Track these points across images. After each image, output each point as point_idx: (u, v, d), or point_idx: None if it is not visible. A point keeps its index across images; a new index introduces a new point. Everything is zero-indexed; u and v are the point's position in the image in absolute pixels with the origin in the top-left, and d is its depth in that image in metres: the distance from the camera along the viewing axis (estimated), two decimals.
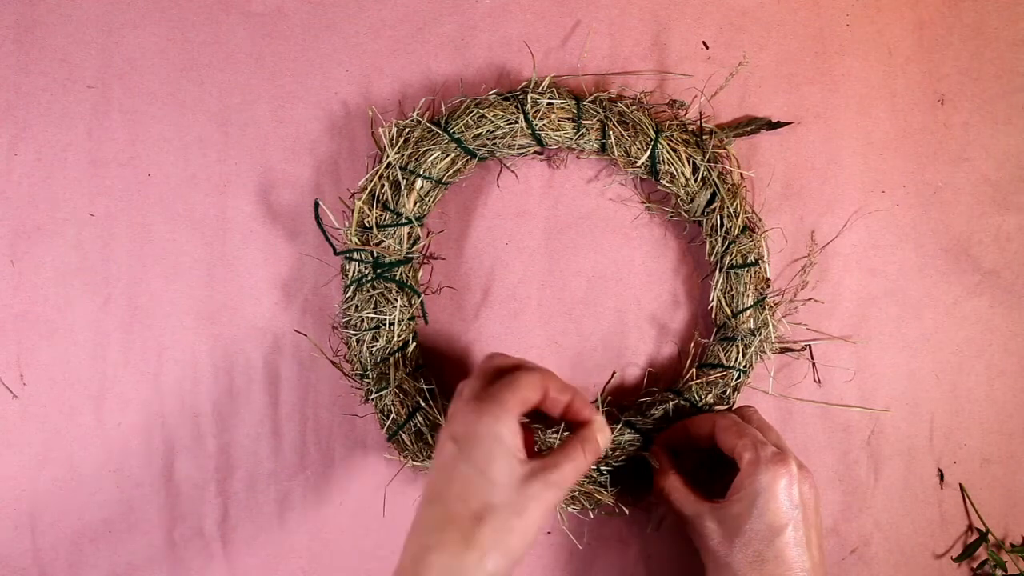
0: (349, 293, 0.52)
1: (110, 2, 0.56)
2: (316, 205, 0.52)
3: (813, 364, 0.55)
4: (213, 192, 0.56)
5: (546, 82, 0.53)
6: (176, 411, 0.56)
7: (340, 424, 0.56)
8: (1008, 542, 0.57)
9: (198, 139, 0.56)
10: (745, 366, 0.52)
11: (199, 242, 0.56)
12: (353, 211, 0.51)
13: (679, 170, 0.52)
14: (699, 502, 0.48)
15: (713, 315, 0.54)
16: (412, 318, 0.52)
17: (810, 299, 0.56)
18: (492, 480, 0.40)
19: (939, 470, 0.56)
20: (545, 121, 0.51)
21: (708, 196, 0.52)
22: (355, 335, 0.52)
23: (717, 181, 0.52)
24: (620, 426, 0.52)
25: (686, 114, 0.54)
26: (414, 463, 0.52)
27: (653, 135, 0.51)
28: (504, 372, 0.44)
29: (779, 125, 0.55)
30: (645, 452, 0.52)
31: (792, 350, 0.55)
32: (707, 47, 0.56)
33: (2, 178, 0.55)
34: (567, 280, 0.56)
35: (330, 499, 0.56)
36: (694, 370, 0.53)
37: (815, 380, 0.55)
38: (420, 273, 0.54)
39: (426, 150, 0.51)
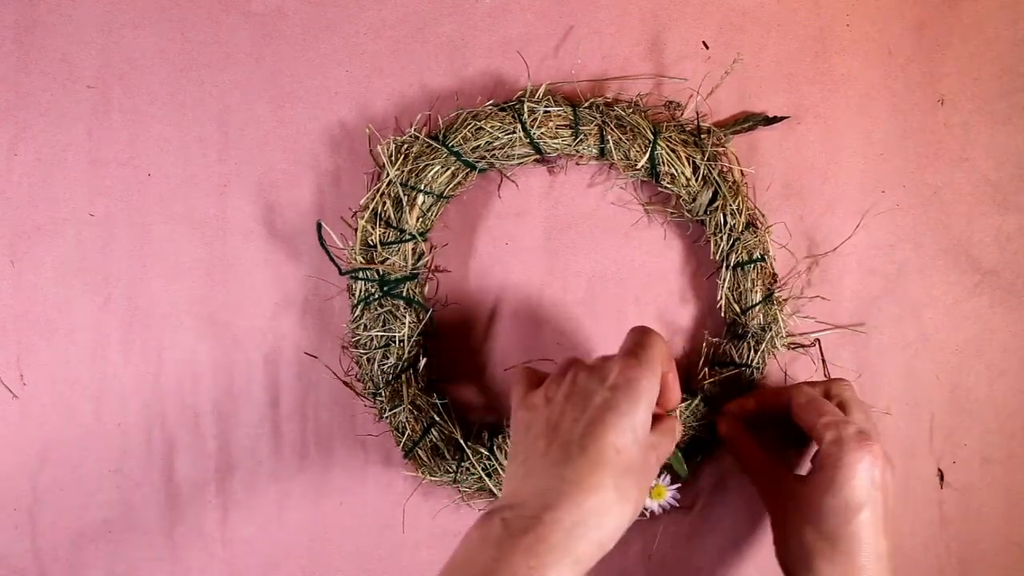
0: (357, 312, 0.52)
1: (110, 2, 0.56)
2: (319, 227, 0.51)
3: (823, 359, 0.55)
4: (213, 192, 0.56)
5: (541, 90, 0.53)
6: (176, 411, 0.56)
7: (340, 424, 0.56)
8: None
9: (198, 139, 0.56)
10: (758, 363, 0.52)
11: (199, 242, 0.56)
12: (356, 230, 0.51)
13: (679, 170, 0.52)
14: (777, 471, 0.48)
15: (722, 313, 0.54)
16: (421, 333, 0.52)
17: (816, 296, 0.56)
18: (638, 439, 0.40)
19: (939, 470, 0.56)
20: (543, 129, 0.51)
21: (710, 195, 0.52)
22: (365, 354, 0.52)
23: (718, 179, 0.52)
24: None
25: (683, 114, 0.54)
26: (432, 478, 0.52)
27: (651, 137, 0.51)
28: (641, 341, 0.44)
29: (776, 120, 0.55)
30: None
31: (802, 345, 0.55)
32: (707, 47, 0.56)
33: (2, 178, 0.55)
34: (567, 280, 0.56)
35: (330, 499, 0.56)
36: (707, 369, 0.53)
37: (825, 375, 0.55)
38: (427, 288, 0.54)
39: (426, 165, 0.51)
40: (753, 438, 0.50)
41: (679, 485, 0.50)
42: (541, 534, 0.36)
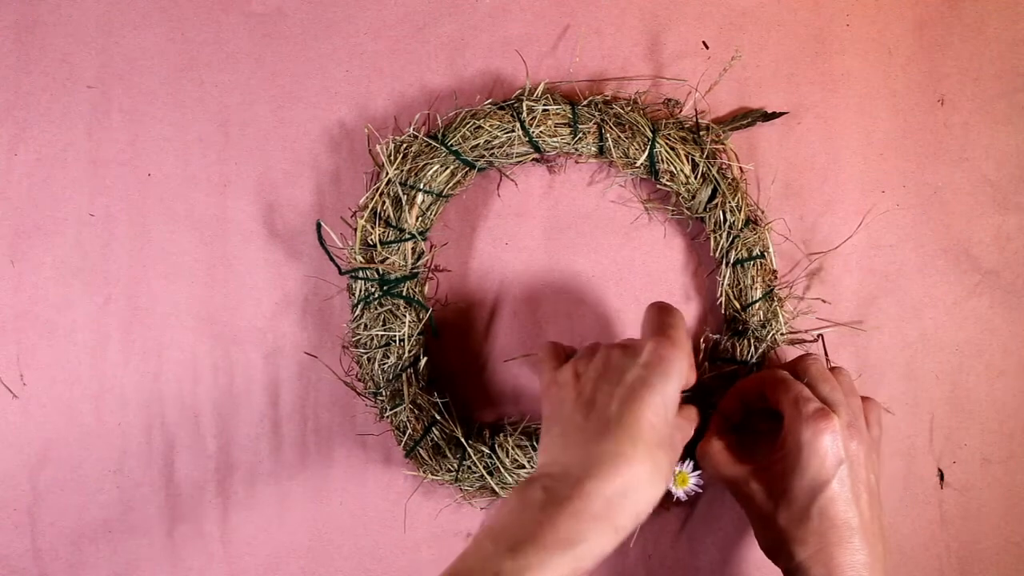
0: (357, 312, 0.52)
1: (110, 2, 0.56)
2: (319, 227, 0.52)
3: (826, 354, 0.55)
4: (213, 192, 0.56)
5: (540, 88, 0.53)
6: (176, 411, 0.56)
7: (340, 424, 0.56)
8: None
9: (198, 139, 0.56)
10: (758, 359, 0.52)
11: (199, 242, 0.56)
12: (356, 230, 0.51)
13: (678, 168, 0.52)
14: (741, 464, 0.48)
15: (722, 310, 0.54)
16: (421, 333, 0.52)
17: (817, 298, 0.56)
18: (668, 416, 0.41)
19: (939, 470, 0.56)
20: (542, 128, 0.51)
21: (709, 192, 0.52)
22: (366, 353, 0.52)
23: (717, 176, 0.52)
24: None
25: (681, 112, 0.54)
26: (433, 477, 0.52)
27: (650, 135, 0.51)
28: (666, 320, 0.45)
29: (775, 116, 0.55)
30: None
31: (804, 341, 0.55)
32: (707, 47, 0.56)
33: (2, 178, 0.55)
34: (567, 280, 0.56)
35: (330, 499, 0.56)
36: (706, 365, 0.53)
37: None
38: (426, 287, 0.54)
39: (425, 164, 0.51)
40: (716, 438, 0.50)
41: (700, 471, 0.50)
42: (585, 502, 0.37)
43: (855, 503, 0.45)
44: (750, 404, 0.51)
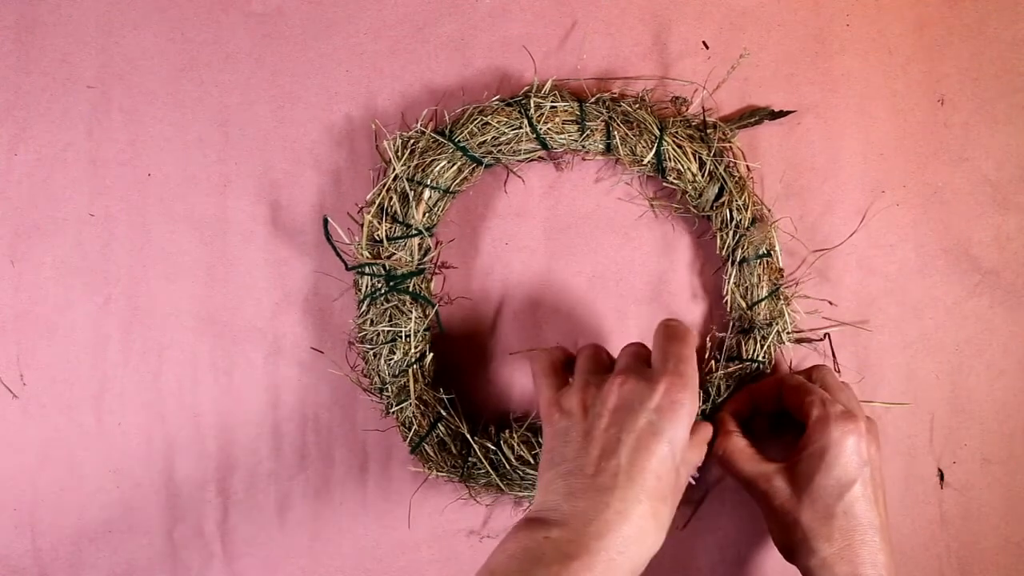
0: (363, 308, 0.52)
1: (110, 2, 0.56)
2: (325, 222, 0.51)
3: (833, 353, 0.55)
4: (213, 192, 0.56)
5: (548, 85, 0.53)
6: (176, 411, 0.56)
7: (340, 423, 0.56)
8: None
9: (198, 139, 0.56)
10: (764, 358, 0.52)
11: (199, 242, 0.56)
12: (363, 225, 0.51)
13: (685, 166, 0.52)
14: (765, 462, 0.48)
15: (728, 308, 0.54)
16: (427, 329, 0.52)
17: (824, 299, 0.56)
18: (675, 461, 0.41)
19: (939, 470, 0.56)
20: (549, 125, 0.52)
21: (716, 190, 0.52)
22: (371, 349, 0.52)
23: (724, 175, 0.52)
24: None
25: (688, 110, 0.54)
26: (438, 473, 0.52)
27: (658, 133, 0.51)
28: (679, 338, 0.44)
29: (782, 114, 0.55)
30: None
31: (810, 340, 0.55)
32: (707, 47, 0.56)
33: (2, 178, 0.55)
34: (567, 280, 0.56)
35: (330, 499, 0.56)
36: (713, 363, 0.53)
37: (835, 369, 0.55)
38: (433, 283, 0.54)
39: (432, 160, 0.51)
40: (739, 437, 0.50)
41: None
42: (588, 562, 0.37)
43: (875, 504, 0.46)
44: (761, 406, 0.52)
